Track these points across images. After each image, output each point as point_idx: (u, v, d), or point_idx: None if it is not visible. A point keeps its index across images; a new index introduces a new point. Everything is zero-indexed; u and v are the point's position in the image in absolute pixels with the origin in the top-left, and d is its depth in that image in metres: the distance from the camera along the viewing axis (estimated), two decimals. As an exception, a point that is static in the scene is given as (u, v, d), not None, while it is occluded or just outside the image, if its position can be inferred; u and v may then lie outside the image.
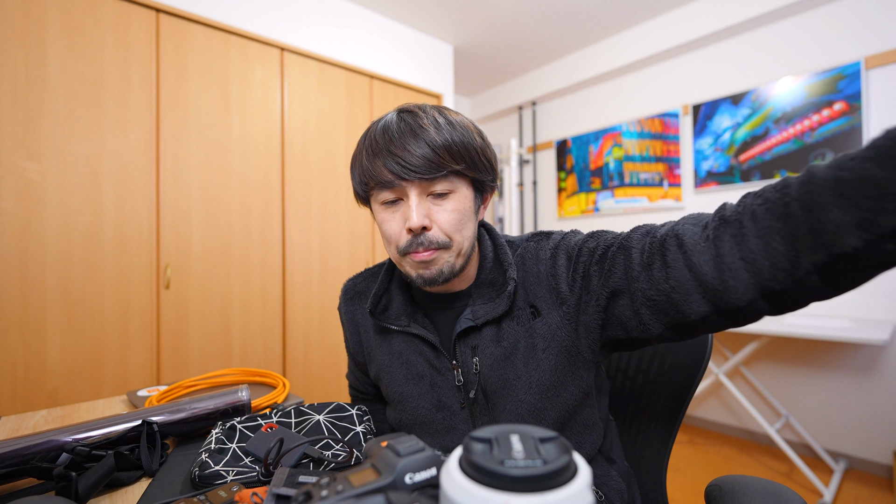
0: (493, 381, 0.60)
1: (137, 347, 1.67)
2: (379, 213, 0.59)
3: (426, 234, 0.56)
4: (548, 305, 0.60)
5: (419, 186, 0.55)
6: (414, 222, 0.54)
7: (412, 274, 0.59)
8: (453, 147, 0.55)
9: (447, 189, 0.57)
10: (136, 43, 1.69)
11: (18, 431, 0.73)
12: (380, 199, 0.58)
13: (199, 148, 1.83)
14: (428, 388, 0.64)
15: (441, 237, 0.57)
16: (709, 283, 0.45)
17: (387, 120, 0.58)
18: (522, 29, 2.71)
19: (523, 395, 0.59)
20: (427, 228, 0.56)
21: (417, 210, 0.55)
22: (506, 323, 0.61)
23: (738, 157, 2.37)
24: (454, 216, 0.57)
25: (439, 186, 0.56)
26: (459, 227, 0.58)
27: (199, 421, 0.67)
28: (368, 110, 2.43)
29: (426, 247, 0.56)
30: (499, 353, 0.60)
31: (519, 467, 0.23)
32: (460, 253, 0.59)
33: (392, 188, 0.56)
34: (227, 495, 0.44)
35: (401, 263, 0.60)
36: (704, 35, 2.40)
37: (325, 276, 2.21)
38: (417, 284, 0.60)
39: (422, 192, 0.56)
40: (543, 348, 0.59)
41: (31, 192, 1.48)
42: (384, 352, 0.68)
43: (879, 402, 1.96)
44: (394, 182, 0.55)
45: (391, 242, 0.59)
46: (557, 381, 0.59)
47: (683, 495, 1.83)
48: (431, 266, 0.57)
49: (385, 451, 0.31)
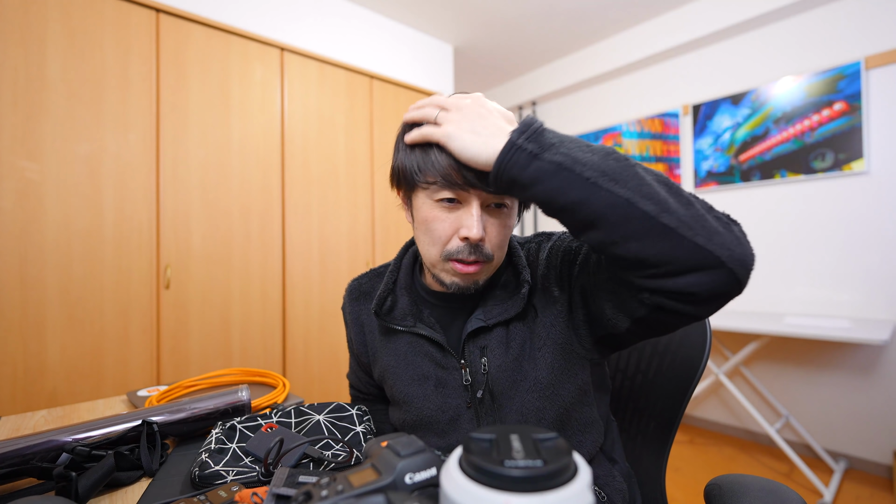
0: (501, 381, 0.60)
1: (137, 347, 1.67)
2: (430, 209, 0.56)
3: (479, 246, 0.55)
4: (542, 305, 0.61)
5: (484, 198, 0.55)
6: (475, 234, 0.53)
7: (446, 280, 0.58)
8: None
9: (507, 202, 0.57)
10: (136, 43, 1.69)
11: (18, 431, 0.73)
12: (435, 196, 0.55)
13: (199, 148, 1.83)
14: (433, 389, 0.64)
15: (490, 251, 0.56)
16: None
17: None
18: (522, 29, 2.71)
19: (527, 394, 0.59)
20: (482, 240, 0.55)
21: (479, 221, 0.54)
22: (513, 325, 0.61)
23: (738, 157, 2.37)
24: (505, 232, 0.57)
25: (504, 199, 0.56)
26: (504, 244, 0.58)
27: (199, 421, 0.67)
28: (368, 110, 2.43)
29: (476, 258, 0.56)
30: (508, 354, 0.60)
31: (519, 467, 0.23)
32: (497, 265, 0.60)
33: (453, 189, 0.54)
34: (227, 495, 0.44)
35: (435, 266, 0.59)
36: (704, 35, 2.40)
37: (325, 277, 2.21)
38: (447, 290, 0.59)
39: (484, 202, 0.55)
40: (540, 347, 0.60)
41: (31, 192, 1.48)
42: (389, 352, 0.68)
43: (879, 402, 1.96)
44: (462, 186, 0.53)
45: (436, 243, 0.57)
46: (555, 379, 0.59)
47: (683, 495, 1.83)
48: (471, 278, 0.57)
49: (385, 451, 0.31)
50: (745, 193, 2.37)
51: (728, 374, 2.40)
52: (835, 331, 1.68)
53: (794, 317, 2.06)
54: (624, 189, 0.43)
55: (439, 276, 0.59)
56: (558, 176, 0.45)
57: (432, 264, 0.59)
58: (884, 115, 1.95)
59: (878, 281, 1.97)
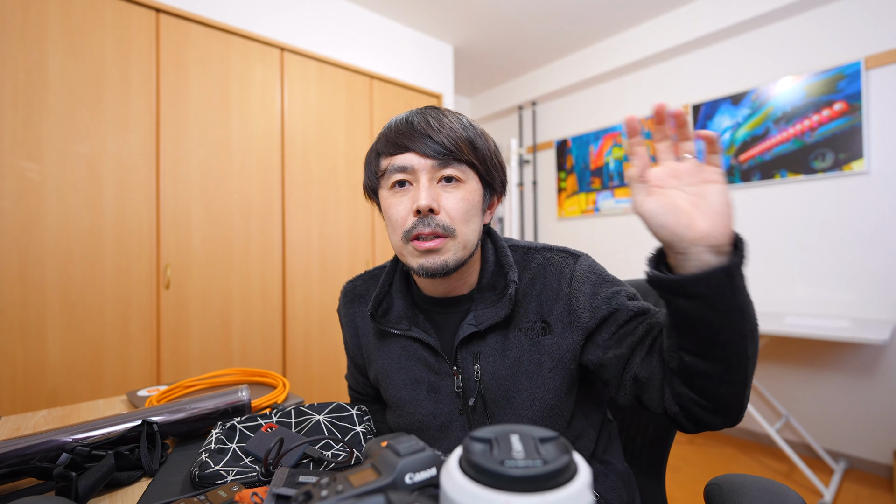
0: (494, 390, 0.60)
1: (137, 347, 1.67)
2: (387, 199, 0.60)
3: (433, 217, 0.56)
4: (562, 324, 0.59)
5: (431, 171, 0.56)
6: (422, 202, 0.54)
7: (414, 265, 0.58)
8: (471, 142, 0.58)
9: (458, 175, 0.57)
10: (136, 43, 1.69)
11: (18, 431, 0.73)
12: (389, 182, 0.59)
13: (199, 148, 1.83)
14: (426, 394, 0.63)
15: (447, 222, 0.56)
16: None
17: (410, 112, 0.60)
18: (522, 29, 2.71)
19: (524, 410, 0.59)
20: (434, 211, 0.56)
21: (427, 190, 0.55)
22: (512, 334, 0.60)
23: (738, 157, 2.37)
24: (462, 204, 0.57)
25: (450, 170, 0.57)
26: (466, 218, 0.57)
27: (199, 421, 0.67)
28: (368, 110, 2.43)
29: (432, 229, 0.55)
30: (502, 363, 0.60)
31: (519, 467, 0.23)
32: (466, 246, 0.58)
33: (404, 171, 0.57)
34: (227, 495, 0.44)
35: (402, 253, 0.59)
36: (704, 35, 2.40)
37: (325, 276, 2.21)
38: (419, 275, 0.59)
39: (433, 177, 0.57)
40: (551, 367, 0.59)
41: (31, 192, 1.48)
42: (384, 355, 0.68)
43: (879, 402, 1.96)
44: (406, 165, 0.56)
45: (396, 229, 0.58)
46: (560, 401, 0.59)
47: (683, 495, 1.83)
48: (436, 255, 0.56)
49: (385, 451, 0.31)
50: (745, 193, 2.37)
51: (728, 374, 2.39)
52: (835, 331, 1.68)
53: (795, 317, 2.06)
54: (754, 352, 0.47)
55: (408, 262, 0.59)
56: (742, 315, 0.45)
57: (399, 252, 0.60)
58: (884, 115, 1.95)
59: (878, 281, 1.96)
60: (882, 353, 1.95)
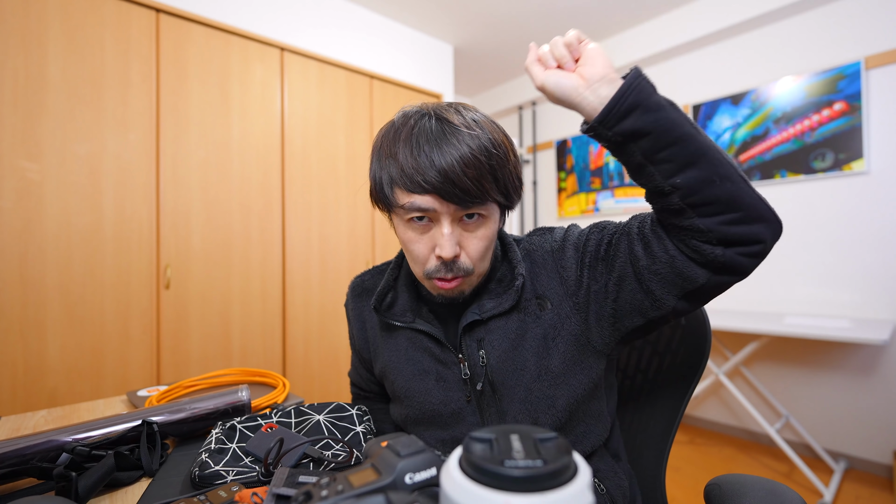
0: (501, 372, 0.60)
1: (137, 347, 1.67)
2: (405, 231, 0.58)
3: (455, 262, 0.56)
4: (557, 296, 0.61)
5: (454, 213, 0.54)
6: (447, 253, 0.54)
7: (433, 292, 0.61)
8: (494, 173, 0.54)
9: (480, 213, 0.56)
10: (136, 43, 1.69)
11: (18, 431, 0.73)
12: (406, 216, 0.56)
13: (199, 148, 1.83)
14: (434, 383, 0.64)
15: (468, 265, 0.57)
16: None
17: (426, 131, 0.53)
18: (522, 29, 2.71)
19: (532, 383, 0.59)
20: (457, 257, 0.56)
21: (450, 240, 0.54)
22: (513, 315, 0.62)
23: (738, 157, 2.37)
24: (483, 244, 0.57)
25: (473, 209, 0.55)
26: (484, 256, 0.59)
27: (199, 421, 0.67)
28: (368, 110, 2.43)
29: (454, 274, 0.57)
30: (506, 344, 0.61)
31: (519, 467, 0.23)
32: (481, 275, 0.61)
33: (425, 211, 0.54)
34: (227, 495, 0.44)
35: (421, 280, 0.61)
36: (704, 35, 2.40)
37: (325, 276, 2.21)
38: (437, 301, 0.62)
39: (455, 218, 0.55)
40: (553, 337, 0.60)
41: (31, 192, 1.48)
42: (390, 348, 0.68)
43: (879, 402, 1.96)
44: (428, 208, 0.53)
45: (417, 263, 0.59)
46: (567, 368, 0.60)
47: (683, 495, 1.83)
48: (455, 290, 0.59)
49: (385, 451, 0.31)
50: (745, 193, 2.37)
51: (728, 374, 2.40)
52: (835, 331, 1.68)
53: (794, 317, 2.06)
54: (710, 138, 0.50)
55: (426, 287, 0.62)
56: (675, 109, 0.49)
57: (419, 280, 0.62)
58: (884, 115, 1.95)
59: (878, 281, 1.96)
60: (882, 353, 1.95)
